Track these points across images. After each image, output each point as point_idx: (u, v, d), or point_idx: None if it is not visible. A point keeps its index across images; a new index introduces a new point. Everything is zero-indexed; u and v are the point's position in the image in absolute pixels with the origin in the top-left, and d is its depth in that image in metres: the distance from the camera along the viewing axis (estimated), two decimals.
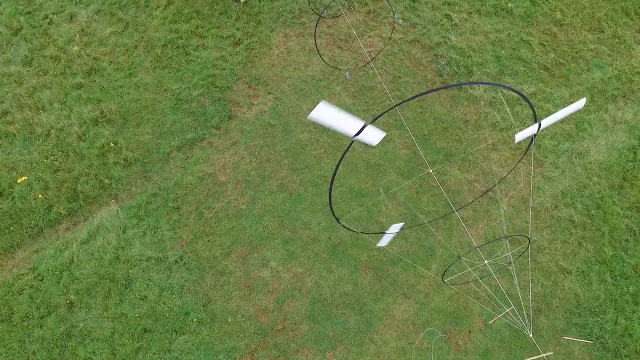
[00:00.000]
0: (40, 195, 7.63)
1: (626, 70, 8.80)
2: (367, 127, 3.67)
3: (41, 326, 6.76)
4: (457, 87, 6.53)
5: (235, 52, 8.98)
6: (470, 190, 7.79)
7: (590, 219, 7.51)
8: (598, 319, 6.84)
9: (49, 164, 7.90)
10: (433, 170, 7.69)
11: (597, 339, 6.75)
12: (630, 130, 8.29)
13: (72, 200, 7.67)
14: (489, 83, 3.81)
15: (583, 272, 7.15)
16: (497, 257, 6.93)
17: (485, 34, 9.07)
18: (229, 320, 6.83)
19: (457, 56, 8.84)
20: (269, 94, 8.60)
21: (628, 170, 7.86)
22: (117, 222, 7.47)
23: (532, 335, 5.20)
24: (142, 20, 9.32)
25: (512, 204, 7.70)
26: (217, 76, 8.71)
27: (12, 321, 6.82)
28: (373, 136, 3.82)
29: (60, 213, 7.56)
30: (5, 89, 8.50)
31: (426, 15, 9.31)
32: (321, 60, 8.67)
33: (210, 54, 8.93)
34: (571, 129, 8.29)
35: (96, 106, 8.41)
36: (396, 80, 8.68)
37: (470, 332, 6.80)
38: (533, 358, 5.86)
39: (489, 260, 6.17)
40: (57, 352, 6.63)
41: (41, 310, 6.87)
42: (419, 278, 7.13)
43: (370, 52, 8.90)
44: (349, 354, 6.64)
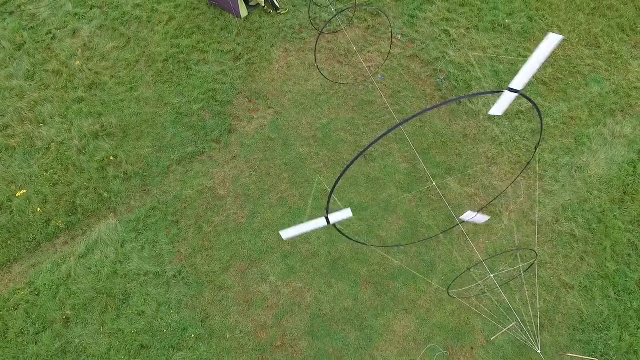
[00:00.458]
0: (38, 209, 7.60)
1: (624, 85, 8.87)
2: (329, 217, 3.87)
3: (36, 342, 6.65)
4: (467, 98, 6.50)
5: (236, 66, 9.06)
6: (471, 205, 7.76)
7: (592, 233, 7.47)
8: (602, 335, 6.74)
9: (49, 177, 7.89)
10: (436, 183, 7.68)
11: (602, 355, 6.63)
12: (630, 144, 8.31)
13: (70, 214, 7.63)
14: (496, 91, 3.65)
15: (586, 287, 7.07)
16: (502, 271, 6.86)
17: (483, 49, 9.17)
18: (227, 336, 6.73)
19: (456, 71, 8.92)
20: (269, 108, 8.65)
21: (628, 185, 7.85)
22: (116, 236, 7.42)
23: (539, 351, 5.11)
24: (144, 35, 9.43)
25: (513, 218, 7.66)
26: (218, 90, 8.77)
27: (6, 337, 6.71)
28: (341, 216, 3.96)
29: (58, 227, 7.52)
30: (7, 103, 8.55)
31: (425, 31, 9.43)
32: (321, 75, 8.74)
33: (211, 69, 9.01)
34: (570, 142, 8.31)
35: (97, 120, 8.45)
36: (395, 94, 8.74)
37: (472, 348, 6.68)
38: None
39: (495, 274, 6.10)
40: None
41: (36, 325, 6.77)
42: (420, 293, 7.05)
43: (369, 66, 8.98)
44: None
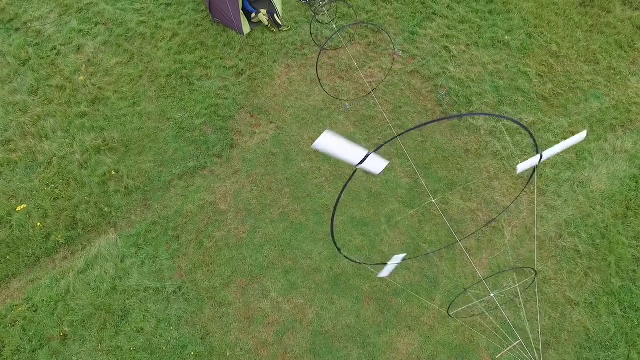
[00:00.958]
0: (38, 224, 7.56)
1: (623, 101, 8.93)
2: (371, 156, 3.67)
3: None
4: (464, 116, 6.53)
5: (238, 82, 9.14)
6: (473, 220, 7.72)
7: (596, 249, 7.41)
8: (609, 353, 6.62)
9: (50, 192, 7.86)
10: (436, 200, 7.65)
11: None
12: (631, 159, 8.32)
13: (70, 229, 7.58)
14: (498, 115, 3.85)
15: (591, 303, 6.98)
16: (504, 289, 6.78)
17: (483, 65, 9.26)
18: (228, 354, 6.60)
19: (457, 86, 8.98)
20: (271, 123, 8.68)
21: (631, 200, 7.83)
22: (116, 251, 7.36)
23: None
24: (147, 51, 9.54)
25: (515, 233, 7.61)
26: (220, 105, 8.83)
27: (2, 355, 6.58)
28: (376, 165, 3.82)
29: (58, 242, 7.46)
30: (10, 117, 8.59)
31: (425, 47, 9.54)
32: (322, 90, 8.81)
33: (214, 84, 9.08)
34: (572, 157, 8.32)
35: (99, 134, 8.47)
36: (397, 109, 8.78)
37: None
38: None
39: (496, 292, 6.03)
40: None
41: (33, 343, 6.65)
42: (423, 310, 6.95)
43: (371, 82, 9.06)
44: None
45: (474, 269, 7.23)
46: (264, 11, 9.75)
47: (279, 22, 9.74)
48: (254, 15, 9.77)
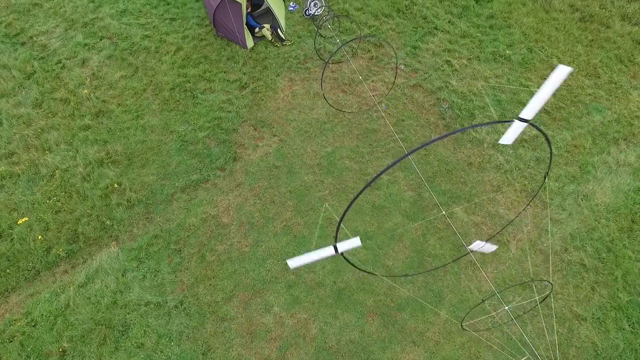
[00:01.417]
0: (39, 237, 7.50)
1: (625, 114, 8.96)
2: (338, 246, 3.91)
3: None
4: (480, 127, 6.51)
5: (242, 95, 9.18)
6: (478, 233, 7.67)
7: (602, 263, 7.33)
8: None
9: (51, 204, 7.82)
10: (445, 212, 7.61)
11: None
12: (634, 172, 8.30)
13: (72, 242, 7.52)
14: (507, 121, 3.71)
15: (599, 318, 6.88)
16: (517, 303, 6.68)
17: (485, 79, 9.32)
18: None
19: (459, 100, 9.03)
20: (274, 136, 8.69)
21: (636, 213, 7.78)
22: (117, 265, 7.28)
23: None
24: (151, 65, 9.61)
25: (520, 247, 7.55)
26: (223, 118, 8.85)
27: None
28: (350, 245, 3.97)
29: (59, 255, 7.39)
30: (14, 130, 8.61)
31: (427, 61, 9.62)
32: (325, 103, 8.84)
33: (217, 97, 9.13)
34: (575, 171, 8.30)
35: (102, 147, 8.47)
36: (400, 123, 8.81)
37: None
38: None
39: (509, 305, 5.94)
40: None
41: (32, 359, 6.52)
42: (429, 324, 6.85)
43: (374, 95, 9.10)
44: None
45: (479, 283, 7.14)
46: (267, 26, 9.87)
47: (282, 36, 9.84)
48: (257, 29, 9.89)
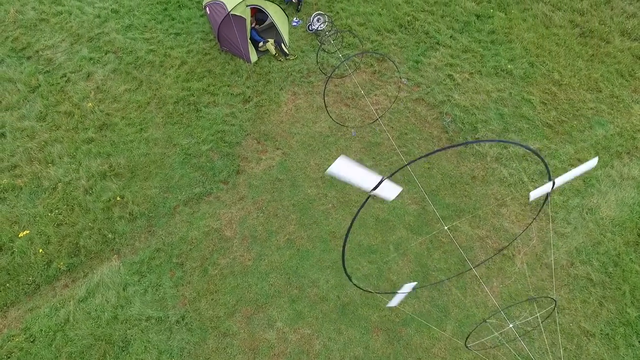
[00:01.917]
0: (40, 250, 7.43)
1: (627, 128, 8.98)
2: (384, 182, 3.63)
3: None
4: (488, 142, 6.64)
5: (245, 108, 9.22)
6: (482, 247, 7.60)
7: (609, 277, 7.25)
8: None
9: (53, 217, 7.78)
10: (447, 227, 7.56)
11: None
12: (639, 186, 8.27)
13: (73, 256, 7.45)
14: (513, 142, 3.86)
15: (607, 334, 6.76)
16: (521, 320, 6.57)
17: (487, 93, 9.37)
18: None
19: (462, 114, 9.06)
20: (277, 149, 8.70)
21: None
22: (118, 279, 7.19)
23: None
24: (155, 78, 9.68)
25: (526, 261, 7.47)
26: (227, 132, 8.87)
27: None
28: (390, 191, 3.77)
29: (59, 269, 7.31)
30: (17, 143, 8.61)
31: (429, 76, 9.69)
32: (328, 117, 8.87)
33: (221, 111, 9.16)
34: (579, 184, 8.27)
35: (105, 160, 8.47)
36: (403, 136, 8.82)
37: None
38: None
39: (514, 323, 5.84)
40: None
41: None
42: (434, 341, 6.73)
43: (377, 109, 9.14)
44: None
45: (485, 298, 7.05)
46: (272, 40, 9.98)
47: (286, 51, 9.94)
48: (261, 44, 9.99)
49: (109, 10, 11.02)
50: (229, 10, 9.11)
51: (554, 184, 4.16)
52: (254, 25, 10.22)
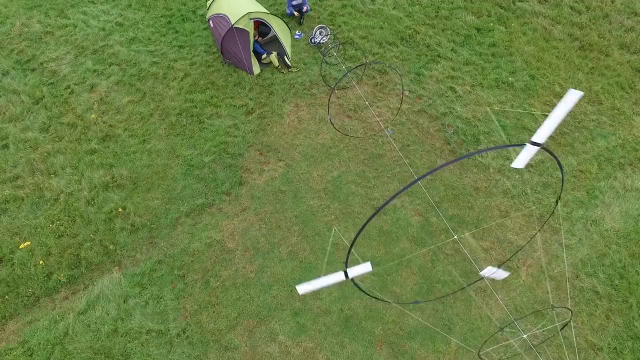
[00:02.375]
0: (41, 262, 7.36)
1: (629, 140, 8.99)
2: (348, 271, 3.80)
3: None
4: (493, 150, 6.56)
5: (248, 120, 9.25)
6: (487, 259, 7.53)
7: (615, 290, 7.17)
8: None
9: (54, 229, 7.73)
10: (457, 237, 7.51)
11: None
12: None
13: (73, 267, 7.37)
14: (519, 145, 3.62)
15: (615, 348, 6.65)
16: (536, 330, 6.47)
17: (489, 105, 9.41)
18: None
19: (464, 125, 9.09)
20: (280, 160, 8.70)
21: None
22: (119, 291, 7.11)
23: None
24: (159, 90, 9.74)
25: (530, 273, 7.40)
26: (230, 143, 8.88)
27: None
28: (360, 269, 3.88)
29: (60, 281, 7.23)
30: (20, 154, 8.62)
31: (431, 88, 9.75)
32: (331, 128, 8.90)
33: (224, 122, 9.19)
34: (583, 196, 8.25)
35: (108, 171, 8.46)
36: (405, 148, 8.83)
37: None
38: None
39: (528, 334, 5.75)
40: None
41: None
42: (439, 354, 6.61)
43: (379, 121, 9.17)
44: None
45: (490, 311, 6.95)
46: (275, 53, 10.07)
47: (289, 63, 10.02)
48: (264, 56, 10.08)
49: (113, 24, 11.15)
50: (233, 23, 9.22)
51: (539, 145, 3.37)
52: (257, 38, 10.33)
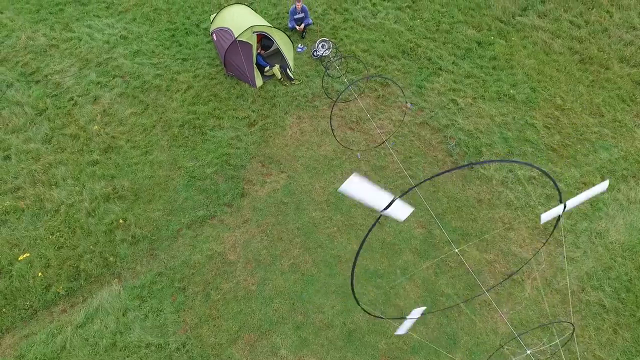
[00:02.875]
0: (40, 274, 7.28)
1: (632, 152, 8.98)
2: (396, 202, 3.57)
3: None
4: (498, 162, 6.68)
5: (250, 132, 9.26)
6: (491, 272, 7.44)
7: (622, 304, 7.05)
8: None
9: (54, 240, 7.66)
10: (458, 250, 7.43)
11: None
12: None
13: (72, 279, 7.28)
14: (525, 163, 3.84)
15: None
16: (540, 347, 6.35)
17: (491, 117, 9.43)
18: None
19: (466, 137, 9.09)
20: (282, 172, 8.67)
21: None
22: (118, 304, 7.01)
23: None
24: (162, 102, 9.78)
25: (535, 286, 7.30)
26: (232, 155, 8.87)
27: None
28: (401, 212, 3.70)
29: (58, 293, 7.14)
30: (22, 165, 8.60)
31: (433, 100, 9.79)
32: (333, 140, 8.90)
33: (226, 134, 9.20)
34: (587, 208, 8.19)
35: (109, 182, 8.43)
36: (407, 160, 8.82)
37: None
38: None
39: (532, 349, 5.64)
40: None
41: None
42: None
43: (381, 133, 9.18)
44: None
45: (495, 324, 6.84)
46: (277, 66, 10.15)
47: (291, 75, 10.09)
48: (267, 68, 10.16)
49: (118, 37, 11.27)
50: (236, 36, 9.31)
51: (565, 207, 4.10)
52: (259, 51, 10.42)
